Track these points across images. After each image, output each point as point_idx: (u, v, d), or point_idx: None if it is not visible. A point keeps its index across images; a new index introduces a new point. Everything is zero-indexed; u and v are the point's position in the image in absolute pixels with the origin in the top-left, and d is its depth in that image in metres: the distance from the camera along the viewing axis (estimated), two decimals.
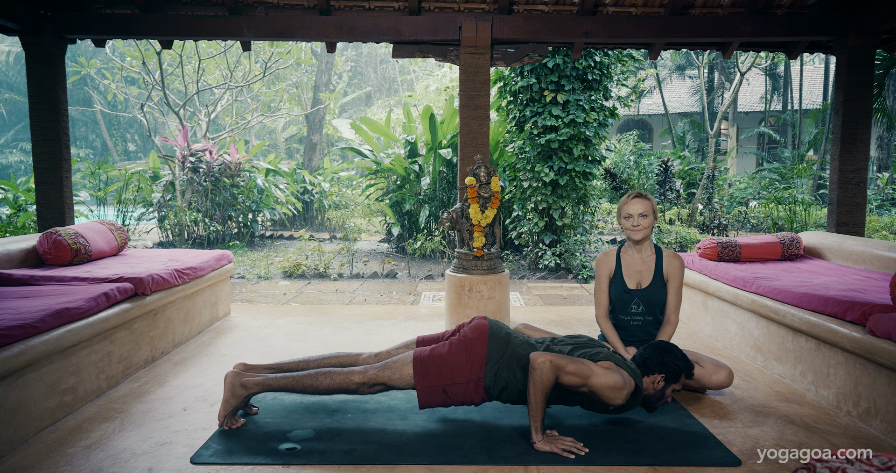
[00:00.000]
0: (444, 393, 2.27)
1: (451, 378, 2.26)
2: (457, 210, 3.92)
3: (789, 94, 18.69)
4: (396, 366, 2.30)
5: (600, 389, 2.16)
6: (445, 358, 2.28)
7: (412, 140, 8.61)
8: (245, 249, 8.59)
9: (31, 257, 3.51)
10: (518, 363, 2.28)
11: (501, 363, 2.28)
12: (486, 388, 2.28)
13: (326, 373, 2.34)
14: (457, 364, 2.27)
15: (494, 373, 2.28)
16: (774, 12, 4.58)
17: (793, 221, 8.95)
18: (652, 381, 2.36)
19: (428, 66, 20.96)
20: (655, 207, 2.87)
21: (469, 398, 2.30)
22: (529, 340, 2.40)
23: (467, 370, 2.27)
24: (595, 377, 2.15)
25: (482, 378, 2.27)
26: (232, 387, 2.35)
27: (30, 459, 2.10)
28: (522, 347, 2.33)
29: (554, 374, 2.12)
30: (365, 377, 2.29)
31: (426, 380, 2.26)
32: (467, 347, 2.31)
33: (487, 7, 4.49)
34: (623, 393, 2.17)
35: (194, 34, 4.46)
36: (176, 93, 17.01)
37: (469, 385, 2.27)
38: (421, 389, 2.26)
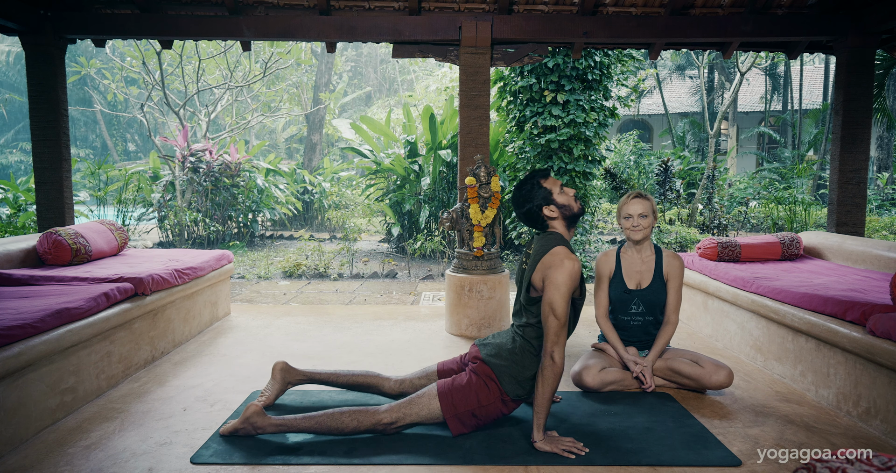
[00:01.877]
0: (474, 416, 2.28)
1: (477, 403, 2.27)
2: (457, 210, 3.92)
3: (789, 94, 18.69)
4: (424, 402, 2.27)
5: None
6: (468, 385, 2.29)
7: (412, 140, 8.61)
8: (245, 249, 8.59)
9: (31, 257, 3.51)
10: (521, 358, 2.29)
11: (510, 372, 2.29)
12: (514, 399, 2.30)
13: (350, 413, 2.23)
14: (480, 388, 2.28)
15: (514, 384, 2.29)
16: (774, 12, 4.58)
17: (793, 221, 8.95)
18: (550, 216, 2.34)
19: (428, 66, 20.95)
20: (655, 207, 2.87)
21: (499, 413, 2.31)
22: (514, 335, 2.39)
23: (491, 393, 2.29)
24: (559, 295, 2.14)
25: (504, 393, 2.29)
26: (251, 423, 2.22)
27: (30, 459, 2.10)
28: (514, 347, 2.33)
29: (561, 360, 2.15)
30: (392, 417, 2.24)
31: (455, 410, 2.26)
32: (479, 373, 2.32)
33: (487, 7, 4.49)
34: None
35: (194, 34, 4.46)
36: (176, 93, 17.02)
37: (496, 404, 2.29)
38: (451, 418, 2.25)
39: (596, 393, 2.75)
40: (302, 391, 2.77)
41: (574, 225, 2.40)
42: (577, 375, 2.77)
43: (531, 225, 2.39)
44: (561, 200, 2.34)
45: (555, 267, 2.18)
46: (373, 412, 2.24)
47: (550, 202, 2.34)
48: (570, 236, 2.38)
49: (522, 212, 2.37)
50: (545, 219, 2.35)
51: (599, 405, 2.62)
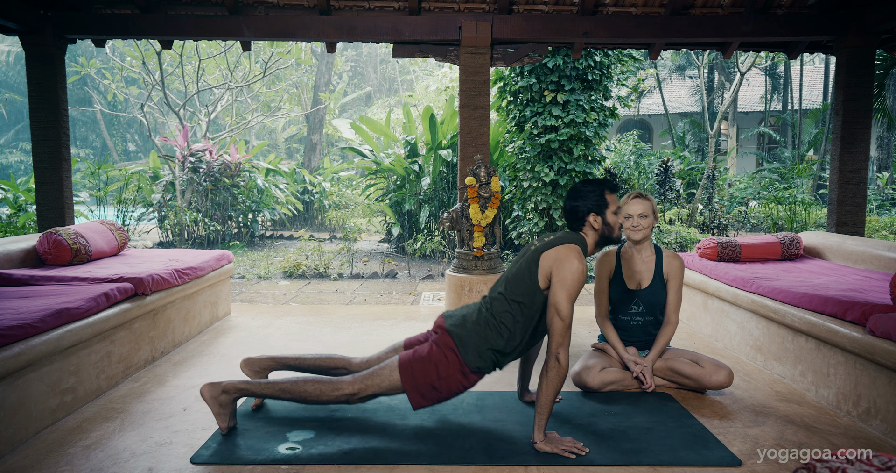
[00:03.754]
0: (434, 389, 2.26)
1: (437, 374, 2.25)
2: (457, 210, 3.92)
3: (789, 94, 18.69)
4: (384, 373, 2.28)
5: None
6: (428, 356, 2.28)
7: (412, 140, 8.61)
8: (245, 249, 8.59)
9: (31, 257, 3.51)
10: (485, 331, 2.26)
11: (471, 343, 2.26)
12: (475, 370, 2.27)
13: (314, 383, 2.27)
14: (440, 360, 2.26)
15: (476, 355, 2.25)
16: (774, 12, 4.58)
17: (793, 221, 8.95)
18: (589, 227, 2.34)
19: (428, 66, 20.95)
20: (655, 207, 2.87)
21: (460, 387, 2.28)
22: (481, 307, 2.36)
23: (450, 363, 2.26)
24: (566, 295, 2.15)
25: (465, 365, 2.26)
26: (214, 399, 2.27)
27: (30, 459, 2.10)
28: (479, 318, 2.30)
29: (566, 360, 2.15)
30: (355, 389, 2.26)
31: (415, 381, 2.25)
32: (439, 343, 2.30)
33: (487, 7, 4.49)
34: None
35: (194, 34, 4.46)
36: (176, 93, 17.02)
37: (456, 376, 2.26)
38: (410, 390, 2.25)
39: (596, 393, 2.75)
40: None
41: (601, 247, 2.39)
42: (578, 375, 2.77)
43: (569, 221, 2.38)
44: (610, 218, 2.34)
45: (567, 262, 2.17)
46: (336, 383, 2.27)
47: (601, 214, 2.33)
48: (591, 251, 2.36)
49: (571, 205, 2.35)
50: (584, 224, 2.34)
51: (600, 405, 2.62)
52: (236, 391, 2.29)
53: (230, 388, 2.28)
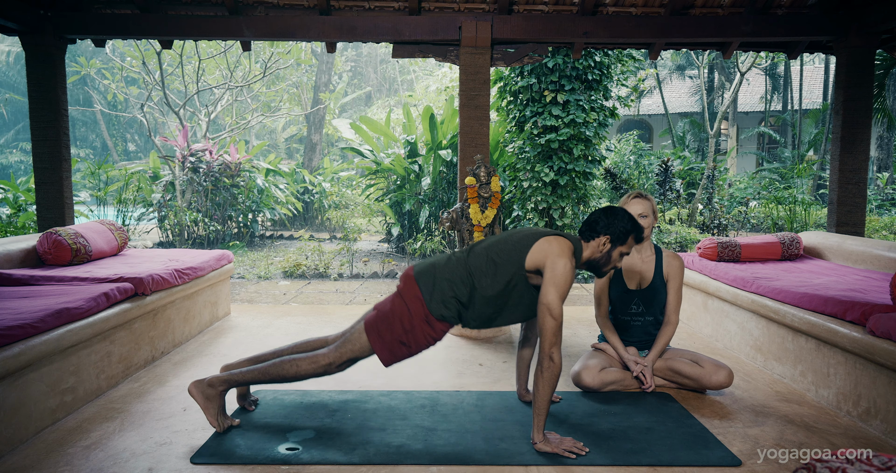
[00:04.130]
0: (403, 344, 2.26)
1: (402, 329, 2.26)
2: (457, 210, 3.92)
3: (789, 94, 18.69)
4: (354, 338, 2.31)
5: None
6: (392, 310, 2.29)
7: (412, 140, 8.61)
8: (245, 249, 8.59)
9: (31, 257, 3.51)
10: (451, 279, 2.27)
11: (436, 288, 2.27)
12: (439, 318, 2.27)
13: (291, 361, 2.31)
14: (402, 313, 2.27)
15: (440, 301, 2.26)
16: (774, 12, 4.58)
17: (793, 221, 8.95)
18: (597, 244, 2.33)
19: (428, 66, 20.95)
20: (655, 207, 2.87)
21: (429, 338, 2.29)
22: (451, 255, 2.38)
23: (413, 313, 2.26)
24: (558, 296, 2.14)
25: (429, 314, 2.26)
26: (201, 394, 2.29)
27: (30, 459, 2.10)
28: (447, 264, 2.32)
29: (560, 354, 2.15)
30: (331, 358, 2.30)
31: (382, 340, 2.26)
32: (403, 293, 2.31)
33: (487, 7, 4.49)
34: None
35: (194, 34, 4.46)
36: (176, 93, 17.02)
37: (421, 325, 2.26)
38: (379, 350, 2.27)
39: (596, 393, 2.75)
40: (302, 391, 2.77)
41: (586, 268, 2.39)
42: (577, 375, 2.77)
43: (584, 226, 2.37)
44: (614, 254, 2.34)
45: (560, 259, 2.17)
46: (312, 357, 2.30)
47: (613, 243, 2.32)
48: (580, 264, 2.35)
49: (598, 217, 2.34)
50: (593, 238, 2.33)
51: (599, 405, 2.62)
52: (221, 384, 2.32)
53: (215, 381, 2.32)
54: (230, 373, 2.34)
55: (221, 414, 2.33)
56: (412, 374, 3.04)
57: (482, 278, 2.26)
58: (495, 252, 2.29)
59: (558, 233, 2.30)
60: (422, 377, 2.98)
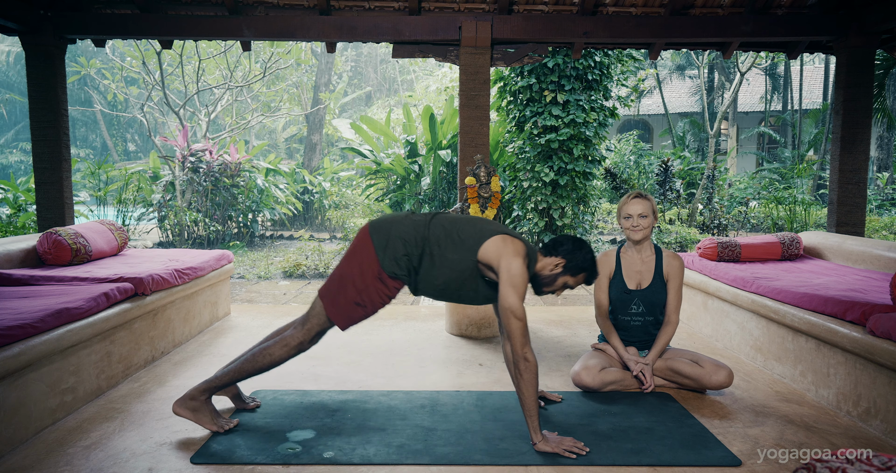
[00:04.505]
0: (358, 305, 2.26)
1: (354, 288, 2.25)
2: (457, 210, 3.92)
3: (789, 94, 18.69)
4: (314, 311, 2.32)
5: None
6: (342, 273, 2.29)
7: (412, 140, 8.61)
8: (245, 249, 8.59)
9: (31, 257, 3.51)
10: (405, 237, 2.26)
11: (389, 245, 2.26)
12: (392, 276, 2.26)
13: (262, 351, 2.32)
14: (354, 273, 2.26)
15: (392, 258, 2.25)
16: (774, 12, 4.58)
17: (793, 221, 8.95)
18: (551, 262, 2.33)
19: (428, 66, 20.95)
20: (655, 207, 2.87)
21: (383, 295, 2.28)
22: (410, 215, 2.37)
23: (365, 272, 2.25)
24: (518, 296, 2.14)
25: (381, 270, 2.25)
26: (187, 409, 2.29)
27: (30, 459, 2.10)
28: (404, 223, 2.31)
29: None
30: (300, 337, 2.31)
31: (335, 303, 2.26)
32: (356, 251, 2.30)
33: (487, 7, 4.49)
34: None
35: (194, 34, 4.46)
36: (176, 93, 17.02)
37: (374, 283, 2.25)
38: (335, 315, 2.27)
39: (596, 393, 2.75)
40: (302, 391, 2.77)
41: (531, 283, 2.37)
42: (577, 375, 2.77)
43: (550, 242, 2.39)
44: (558, 280, 2.34)
45: (514, 257, 2.17)
46: (281, 341, 2.32)
47: (564, 270, 2.32)
48: (531, 272, 2.32)
49: (564, 240, 2.34)
50: (549, 256, 2.33)
51: (599, 405, 2.62)
52: (201, 393, 2.32)
53: (194, 393, 2.32)
54: (207, 380, 2.35)
55: (216, 418, 2.33)
56: (412, 374, 3.04)
57: (435, 248, 2.26)
58: (456, 230, 2.28)
59: (517, 236, 2.30)
60: (422, 377, 2.98)
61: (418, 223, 2.32)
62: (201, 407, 2.32)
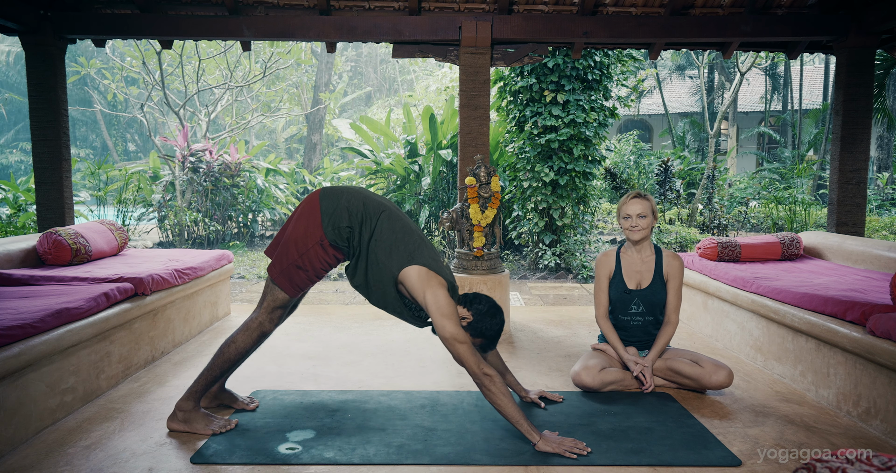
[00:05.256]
0: (299, 268, 2.25)
1: (297, 250, 2.25)
2: (457, 210, 3.92)
3: (789, 94, 18.69)
4: (267, 287, 2.32)
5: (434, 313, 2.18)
6: (288, 238, 2.28)
7: (412, 140, 8.61)
8: (245, 249, 8.59)
9: (31, 257, 3.51)
10: (352, 211, 2.27)
11: (335, 213, 2.26)
12: (332, 245, 2.26)
13: (228, 343, 2.33)
14: (298, 235, 2.26)
15: (334, 226, 2.25)
16: (774, 12, 4.58)
17: (793, 221, 8.95)
18: (463, 312, 2.33)
19: (428, 66, 20.96)
20: (655, 207, 2.87)
21: (324, 262, 2.28)
22: (365, 191, 2.37)
23: (308, 235, 2.25)
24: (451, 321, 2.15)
25: (324, 237, 2.25)
26: (180, 422, 2.30)
27: (30, 459, 2.10)
28: (356, 196, 2.31)
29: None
30: (260, 318, 2.31)
31: (279, 269, 2.26)
32: (303, 213, 2.29)
33: (487, 7, 4.49)
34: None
35: (194, 34, 4.46)
36: (176, 93, 17.02)
37: (316, 249, 2.25)
38: (280, 281, 2.26)
39: (596, 393, 2.75)
40: (302, 391, 2.77)
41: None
42: (577, 375, 2.77)
43: (468, 294, 2.41)
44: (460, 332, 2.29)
45: (437, 289, 2.18)
46: (243, 328, 2.32)
47: (469, 326, 2.31)
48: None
49: (482, 300, 2.35)
50: (464, 306, 2.34)
51: (599, 405, 2.62)
52: (187, 402, 2.33)
53: (181, 405, 2.33)
54: (188, 388, 2.35)
55: (210, 422, 2.32)
56: (412, 374, 3.04)
57: (374, 241, 2.26)
58: (394, 239, 2.27)
59: (442, 271, 2.28)
60: (422, 377, 2.98)
61: (369, 205, 2.30)
62: (192, 416, 2.32)
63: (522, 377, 2.98)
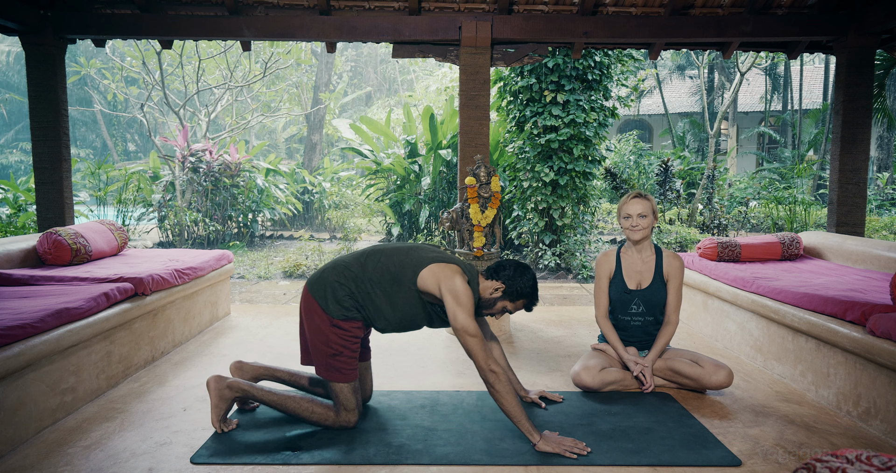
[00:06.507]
0: (335, 356, 2.28)
1: (323, 344, 2.29)
2: (457, 210, 3.92)
3: (789, 94, 18.68)
4: (328, 388, 2.36)
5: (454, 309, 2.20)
6: (310, 337, 2.33)
7: (412, 140, 8.61)
8: (245, 249, 8.59)
9: (31, 257, 3.51)
10: (342, 278, 2.31)
11: (328, 292, 2.30)
12: (343, 319, 2.28)
13: (309, 405, 2.34)
14: (315, 331, 2.31)
15: (335, 301, 2.28)
16: (774, 12, 4.58)
17: (793, 221, 8.95)
18: (491, 286, 2.36)
19: (428, 66, 20.95)
20: (655, 207, 2.87)
21: (350, 339, 2.30)
22: (338, 260, 2.41)
23: (322, 326, 2.29)
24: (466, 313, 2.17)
25: (332, 318, 2.28)
26: (218, 391, 2.33)
27: (30, 459, 2.10)
28: (335, 268, 2.35)
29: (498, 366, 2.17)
30: (342, 418, 2.33)
31: (322, 366, 2.30)
32: (306, 312, 2.34)
33: (487, 7, 4.49)
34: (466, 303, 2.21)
35: (194, 34, 4.46)
36: (176, 93, 17.02)
37: (333, 332, 2.28)
38: (327, 375, 2.30)
39: (596, 393, 2.75)
40: None
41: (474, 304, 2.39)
42: (577, 375, 2.77)
43: (491, 265, 2.42)
44: (497, 305, 2.37)
45: (452, 278, 2.21)
46: (325, 417, 2.33)
47: (503, 295, 2.35)
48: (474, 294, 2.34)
49: (507, 265, 2.38)
50: (491, 280, 2.37)
51: (599, 405, 2.62)
52: (239, 391, 2.34)
53: (234, 385, 2.34)
54: (251, 385, 2.36)
55: (224, 419, 2.35)
56: (412, 374, 3.03)
57: (377, 286, 2.31)
58: (393, 264, 2.33)
59: (453, 259, 2.33)
60: (422, 377, 2.98)
61: (350, 265, 2.36)
62: (227, 400, 2.34)
63: (522, 377, 2.98)
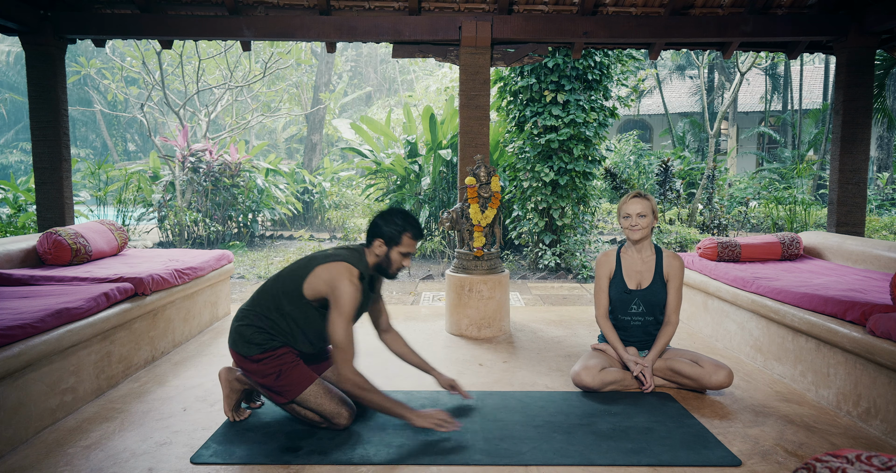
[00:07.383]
0: (275, 380, 2.28)
1: (260, 378, 2.31)
2: (457, 210, 3.92)
3: (789, 94, 18.68)
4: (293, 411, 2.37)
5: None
6: (255, 383, 2.37)
7: (412, 140, 8.61)
8: (245, 249, 8.59)
9: (31, 257, 3.51)
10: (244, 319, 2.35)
11: (238, 338, 2.32)
12: (261, 353, 2.29)
13: (304, 410, 2.36)
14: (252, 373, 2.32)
15: (246, 343, 2.30)
16: (774, 12, 4.58)
17: (793, 221, 8.95)
18: (375, 247, 2.35)
19: (428, 66, 20.95)
20: (655, 207, 2.87)
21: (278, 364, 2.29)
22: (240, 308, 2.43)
23: (250, 367, 2.31)
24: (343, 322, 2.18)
25: (252, 357, 2.29)
26: (228, 383, 2.43)
27: (30, 459, 2.10)
28: (237, 316, 2.38)
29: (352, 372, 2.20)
30: (332, 426, 2.34)
31: (277, 395, 2.31)
32: (242, 367, 2.37)
33: (487, 7, 4.49)
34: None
35: (194, 34, 4.46)
36: (176, 93, 17.02)
37: (262, 366, 2.28)
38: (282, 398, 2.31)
39: (596, 393, 2.75)
40: None
41: (378, 274, 2.41)
42: (577, 375, 2.77)
43: (367, 233, 2.40)
44: (394, 255, 2.35)
45: (339, 281, 2.21)
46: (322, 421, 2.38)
47: (387, 246, 2.33)
48: (368, 271, 2.36)
49: (374, 222, 2.37)
50: (371, 244, 2.36)
51: (599, 405, 2.62)
52: (247, 383, 2.44)
53: (243, 378, 2.43)
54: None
55: (238, 408, 2.45)
56: (412, 374, 3.03)
57: (275, 312, 2.31)
58: (278, 287, 2.34)
59: (334, 256, 2.30)
60: (422, 377, 2.98)
61: (246, 304, 2.40)
62: (238, 391, 2.43)
63: (522, 377, 2.98)
